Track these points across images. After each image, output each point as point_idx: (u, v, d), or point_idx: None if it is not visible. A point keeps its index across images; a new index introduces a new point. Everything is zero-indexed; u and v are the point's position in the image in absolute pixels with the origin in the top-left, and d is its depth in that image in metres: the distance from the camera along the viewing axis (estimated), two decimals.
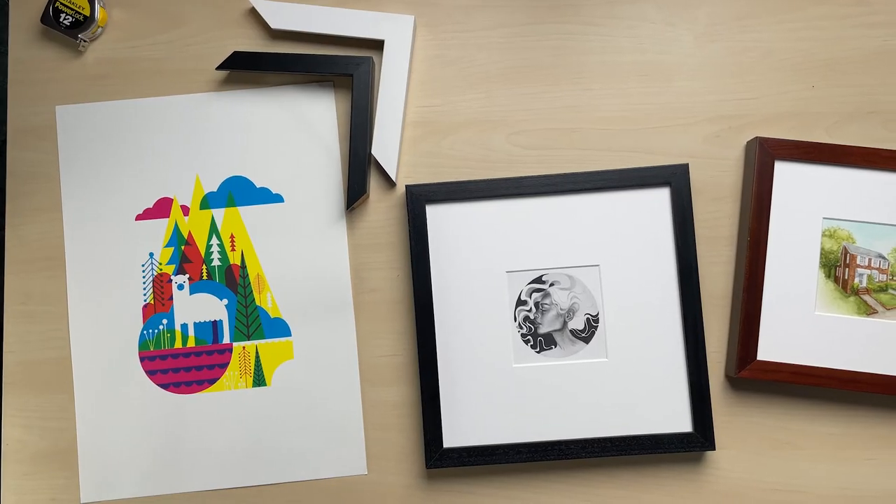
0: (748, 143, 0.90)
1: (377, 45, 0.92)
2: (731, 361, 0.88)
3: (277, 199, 0.92)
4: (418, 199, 0.89)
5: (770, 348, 0.86)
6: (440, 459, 0.87)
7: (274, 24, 0.91)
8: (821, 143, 0.87)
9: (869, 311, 0.87)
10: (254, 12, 0.93)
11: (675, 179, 0.88)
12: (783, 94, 0.91)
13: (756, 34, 0.92)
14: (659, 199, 0.89)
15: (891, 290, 0.87)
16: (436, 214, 0.89)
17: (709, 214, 0.90)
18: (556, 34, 0.92)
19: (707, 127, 0.91)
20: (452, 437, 0.88)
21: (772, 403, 0.88)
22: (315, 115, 0.93)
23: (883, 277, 0.87)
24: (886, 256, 0.87)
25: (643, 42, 0.92)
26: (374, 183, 0.92)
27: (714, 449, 0.86)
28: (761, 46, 0.91)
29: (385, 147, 0.90)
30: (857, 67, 0.91)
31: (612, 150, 0.91)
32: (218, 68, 0.90)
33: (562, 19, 0.92)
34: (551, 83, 0.92)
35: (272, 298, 0.91)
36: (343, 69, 0.90)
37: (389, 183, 0.92)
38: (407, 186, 0.89)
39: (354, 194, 0.89)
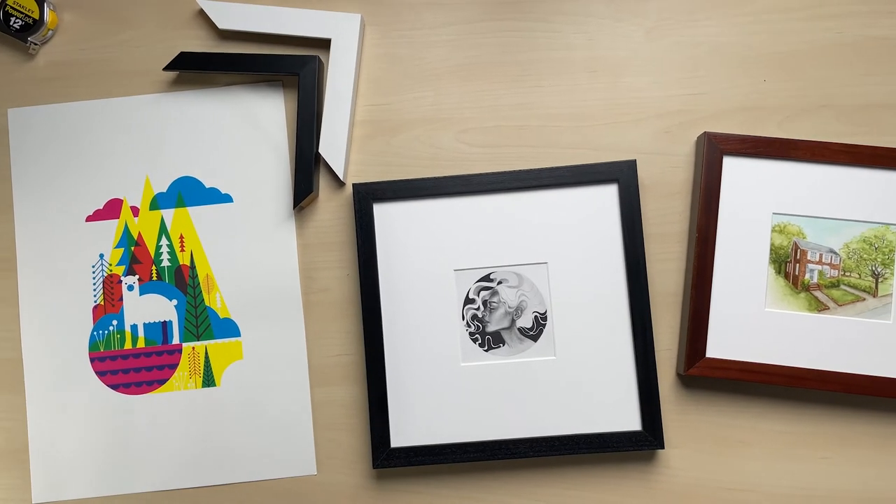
0: (697, 138, 0.89)
1: (325, 45, 0.91)
2: (681, 359, 0.87)
3: (226, 199, 0.92)
4: (365, 198, 0.89)
5: (719, 345, 0.85)
6: (387, 459, 0.86)
7: (221, 25, 0.91)
8: (769, 138, 0.85)
9: (820, 308, 0.85)
10: (203, 14, 0.93)
11: (623, 176, 0.87)
12: (734, 89, 0.90)
13: (706, 28, 0.91)
14: (607, 196, 0.88)
15: (842, 286, 0.85)
16: (384, 213, 0.89)
17: (660, 211, 0.89)
18: (504, 31, 0.92)
19: (657, 123, 0.90)
20: (400, 436, 0.87)
21: (723, 401, 0.87)
22: (264, 114, 0.92)
23: (834, 273, 0.85)
24: (838, 251, 0.85)
25: (592, 38, 0.91)
26: (323, 182, 0.92)
27: (663, 447, 0.85)
28: (711, 41, 0.91)
29: (332, 146, 0.90)
30: (808, 61, 0.90)
31: (562, 146, 0.90)
32: (165, 69, 0.90)
33: (510, 16, 0.92)
34: (500, 80, 0.91)
35: (221, 299, 0.91)
36: (289, 68, 0.89)
37: (339, 182, 0.92)
38: (354, 185, 0.89)
39: (301, 193, 0.89)
